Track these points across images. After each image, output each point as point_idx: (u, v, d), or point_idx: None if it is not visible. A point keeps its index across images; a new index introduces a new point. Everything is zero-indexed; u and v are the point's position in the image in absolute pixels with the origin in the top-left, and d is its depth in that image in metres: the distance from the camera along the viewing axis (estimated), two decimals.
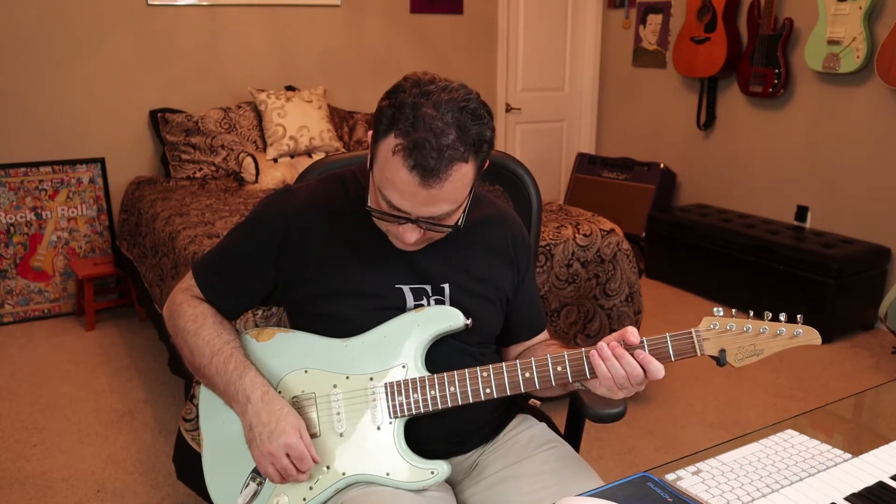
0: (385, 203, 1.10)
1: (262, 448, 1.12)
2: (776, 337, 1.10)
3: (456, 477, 1.29)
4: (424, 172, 1.04)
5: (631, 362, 1.08)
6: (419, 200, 1.07)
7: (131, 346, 3.35)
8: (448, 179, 1.05)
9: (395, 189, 1.07)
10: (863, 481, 1.01)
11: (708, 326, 1.11)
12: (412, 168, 1.04)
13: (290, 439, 1.11)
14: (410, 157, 1.03)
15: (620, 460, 2.46)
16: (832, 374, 3.12)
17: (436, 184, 1.05)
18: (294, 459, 1.12)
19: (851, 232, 3.66)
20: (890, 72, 3.21)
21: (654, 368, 1.08)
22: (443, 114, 1.04)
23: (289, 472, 1.12)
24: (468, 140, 1.06)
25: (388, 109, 1.07)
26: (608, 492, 0.98)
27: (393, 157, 1.05)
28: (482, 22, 4.61)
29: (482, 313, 1.26)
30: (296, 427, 1.12)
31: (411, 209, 1.09)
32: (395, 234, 1.16)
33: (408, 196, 1.07)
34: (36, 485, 2.31)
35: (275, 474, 1.13)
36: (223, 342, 1.21)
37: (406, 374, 1.17)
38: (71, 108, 3.65)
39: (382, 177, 1.08)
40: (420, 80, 1.08)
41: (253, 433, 1.14)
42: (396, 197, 1.08)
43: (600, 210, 3.50)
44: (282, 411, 1.14)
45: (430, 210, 1.09)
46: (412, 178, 1.05)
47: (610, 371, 1.08)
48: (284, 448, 1.11)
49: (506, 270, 1.31)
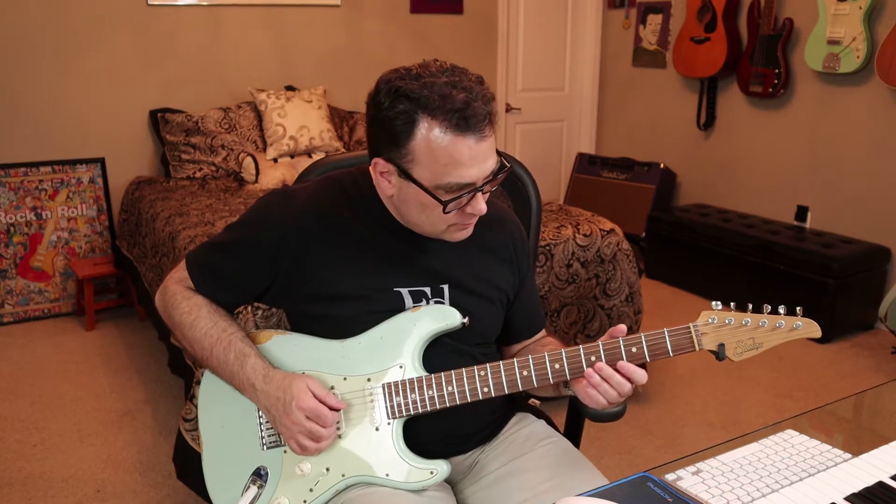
0: (447, 192, 1.09)
1: (284, 422, 1.13)
2: (775, 330, 1.09)
3: (455, 476, 1.29)
4: (478, 126, 1.05)
5: (619, 381, 1.10)
6: (480, 159, 1.08)
7: (131, 346, 3.35)
8: (492, 119, 1.08)
9: (462, 164, 1.07)
10: (863, 481, 1.01)
11: (706, 321, 1.10)
12: (465, 131, 1.05)
13: (301, 402, 1.11)
14: (459, 123, 1.04)
15: (620, 460, 2.46)
16: (832, 374, 3.12)
17: (488, 130, 1.07)
18: (313, 418, 1.12)
19: (851, 232, 3.66)
20: (890, 72, 3.21)
21: (639, 377, 1.10)
22: (444, 75, 1.07)
23: (316, 433, 1.12)
24: (479, 78, 1.09)
25: (399, 112, 1.06)
26: (608, 492, 0.98)
27: (442, 138, 1.05)
28: (482, 22, 4.62)
29: (482, 314, 1.26)
30: (303, 389, 1.13)
31: (478, 175, 1.09)
32: (466, 216, 1.14)
33: (473, 161, 1.07)
34: (36, 485, 2.31)
35: (309, 444, 1.13)
36: (220, 330, 1.21)
37: (404, 375, 1.17)
38: (71, 108, 3.65)
39: (439, 167, 1.07)
40: (393, 74, 1.10)
41: (272, 415, 1.15)
42: (463, 171, 1.07)
43: (600, 210, 3.50)
44: (284, 381, 1.14)
45: (487, 167, 1.10)
46: (470, 141, 1.06)
47: (604, 396, 1.11)
48: (302, 412, 1.11)
49: (506, 271, 1.30)
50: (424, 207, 1.13)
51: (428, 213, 1.14)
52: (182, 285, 1.27)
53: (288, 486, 1.18)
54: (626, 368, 1.09)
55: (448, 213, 1.11)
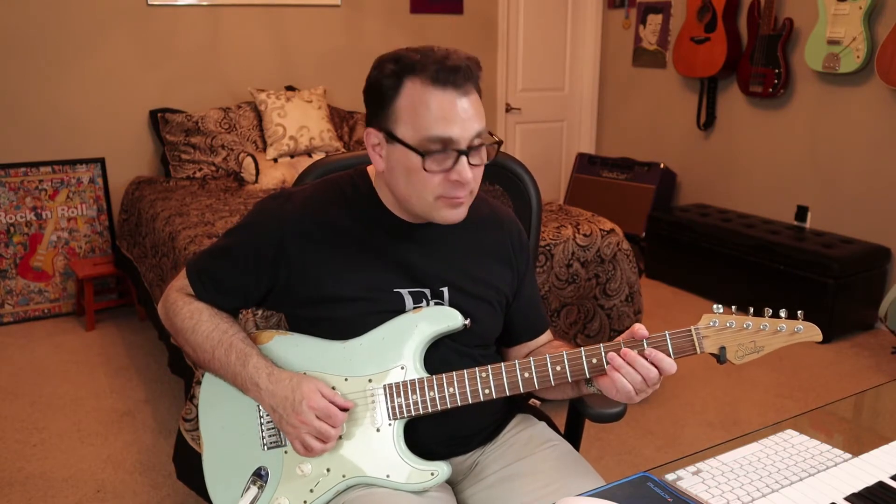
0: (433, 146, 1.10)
1: (291, 421, 1.13)
2: (776, 333, 1.09)
3: (456, 477, 1.29)
4: (456, 78, 1.08)
5: (645, 364, 1.08)
6: (461, 115, 1.09)
7: (131, 346, 3.35)
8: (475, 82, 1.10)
9: (439, 117, 1.08)
10: (863, 481, 1.01)
11: (707, 324, 1.10)
12: (445, 83, 1.08)
13: (311, 402, 1.11)
14: (438, 75, 1.07)
15: (620, 460, 2.46)
16: (832, 374, 3.12)
17: (468, 89, 1.09)
18: (323, 418, 1.12)
19: (851, 232, 3.66)
20: (890, 72, 3.21)
21: (667, 365, 1.08)
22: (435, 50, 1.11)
23: (325, 433, 1.12)
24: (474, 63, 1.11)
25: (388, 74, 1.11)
26: (608, 492, 0.98)
27: (423, 90, 1.08)
28: (482, 22, 4.62)
29: (481, 316, 1.26)
30: (313, 389, 1.13)
31: (460, 133, 1.09)
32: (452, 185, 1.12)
33: (451, 114, 1.08)
34: (36, 485, 2.31)
35: (316, 444, 1.13)
36: (221, 333, 1.21)
37: (405, 376, 1.17)
38: (71, 108, 3.65)
39: (420, 121, 1.09)
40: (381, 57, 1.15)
41: (277, 414, 1.14)
42: (444, 126, 1.08)
43: (600, 210, 3.50)
44: (293, 381, 1.14)
45: (471, 127, 1.10)
46: (449, 94, 1.08)
47: (627, 378, 1.09)
48: (312, 411, 1.11)
49: (505, 272, 1.30)
50: (409, 173, 1.12)
51: (413, 179, 1.12)
52: (183, 293, 1.27)
53: (288, 487, 1.18)
54: (653, 355, 1.08)
55: (430, 173, 1.10)
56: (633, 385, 1.09)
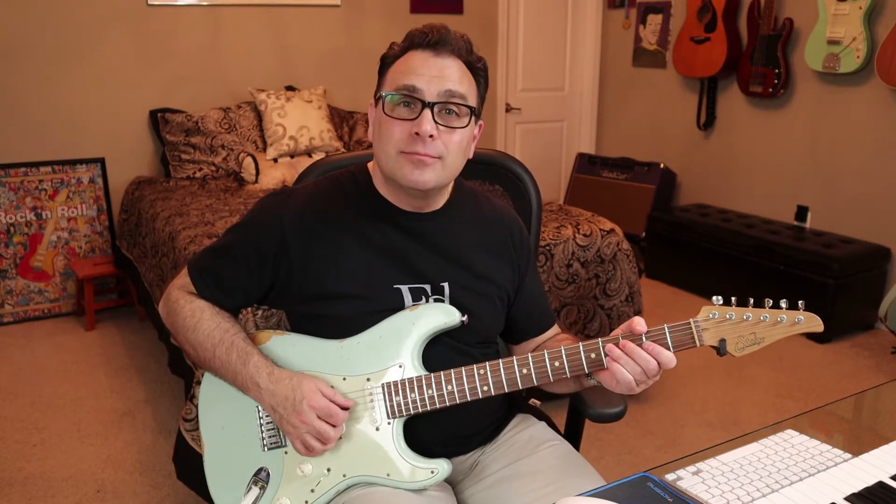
0: (399, 96, 1.14)
1: (292, 421, 1.12)
2: (777, 324, 1.08)
3: (456, 477, 1.29)
4: (434, 41, 1.14)
5: (644, 356, 1.07)
6: (431, 72, 1.13)
7: (131, 346, 3.35)
8: (455, 52, 1.16)
9: (409, 69, 1.14)
10: (863, 481, 1.01)
11: (707, 316, 1.09)
12: (424, 45, 1.15)
13: (312, 401, 1.11)
14: (420, 39, 1.15)
15: (620, 460, 2.46)
16: (832, 374, 3.12)
17: (444, 52, 1.15)
18: (324, 417, 1.12)
19: (851, 232, 3.66)
20: (890, 72, 3.21)
21: (666, 358, 1.08)
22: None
23: (325, 433, 1.12)
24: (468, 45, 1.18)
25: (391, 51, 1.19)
26: (608, 492, 0.98)
27: (406, 52, 1.17)
28: (482, 22, 4.62)
29: (483, 312, 1.26)
30: (314, 388, 1.13)
31: (426, 84, 1.13)
32: (414, 140, 1.12)
33: (420, 68, 1.14)
34: (36, 485, 2.31)
35: (316, 444, 1.13)
36: (222, 332, 1.21)
37: (403, 374, 1.17)
38: (71, 108, 3.65)
39: (396, 73, 1.16)
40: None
41: (278, 413, 1.14)
42: (409, 75, 1.14)
43: (600, 210, 3.50)
44: (293, 381, 1.14)
45: (441, 84, 1.13)
46: (423, 54, 1.15)
47: (626, 369, 1.08)
48: (313, 411, 1.11)
49: (506, 268, 1.30)
50: (379, 125, 1.17)
51: (381, 132, 1.16)
52: (184, 291, 1.27)
53: (289, 487, 1.18)
54: (652, 348, 1.08)
55: (392, 122, 1.13)
56: (634, 376, 1.08)
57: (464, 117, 1.16)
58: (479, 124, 1.24)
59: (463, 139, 1.17)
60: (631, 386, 1.10)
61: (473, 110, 1.17)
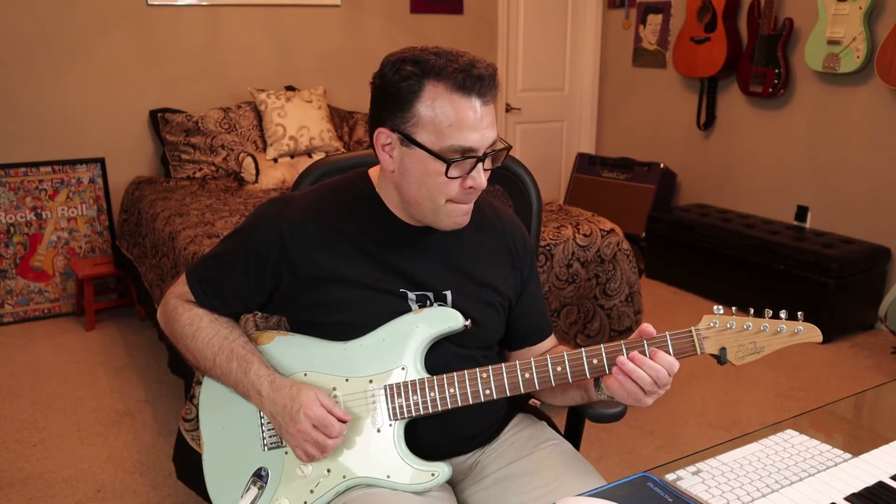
0: (454, 155, 1.09)
1: (290, 430, 1.12)
2: (777, 334, 1.09)
3: (456, 477, 1.28)
4: (481, 87, 1.07)
5: (654, 366, 1.08)
6: (483, 125, 1.09)
7: (131, 346, 3.35)
8: (496, 87, 1.10)
9: (466, 125, 1.08)
10: (863, 481, 1.01)
11: (708, 325, 1.11)
12: (470, 92, 1.07)
13: (309, 410, 1.11)
14: (465, 83, 1.06)
15: (620, 460, 2.46)
16: (832, 374, 3.12)
17: (490, 98, 1.09)
18: (321, 428, 1.11)
19: (851, 232, 3.66)
20: (890, 72, 3.21)
21: (667, 362, 1.08)
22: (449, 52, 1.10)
23: (322, 444, 1.12)
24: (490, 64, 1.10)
25: (407, 76, 1.08)
26: (608, 492, 0.98)
27: (448, 97, 1.07)
28: (482, 22, 4.62)
29: (484, 318, 1.25)
30: (312, 398, 1.12)
31: (480, 141, 1.09)
32: (465, 191, 1.12)
33: (477, 125, 1.08)
34: (36, 485, 2.31)
35: (315, 451, 1.13)
36: (221, 339, 1.20)
37: (406, 377, 1.17)
38: (71, 108, 3.65)
39: (444, 128, 1.08)
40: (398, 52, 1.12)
41: (277, 421, 1.14)
42: (467, 134, 1.08)
43: (600, 210, 3.50)
44: (292, 390, 1.14)
45: (489, 135, 1.11)
46: (475, 102, 1.08)
47: (638, 383, 1.09)
48: (309, 421, 1.11)
49: (507, 274, 1.30)
50: (426, 177, 1.12)
51: (429, 183, 1.12)
52: (182, 299, 1.26)
53: (289, 488, 1.18)
54: (658, 355, 1.08)
55: (450, 179, 1.10)
56: (643, 387, 1.09)
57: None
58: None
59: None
60: (640, 397, 1.10)
61: (509, 147, 1.17)
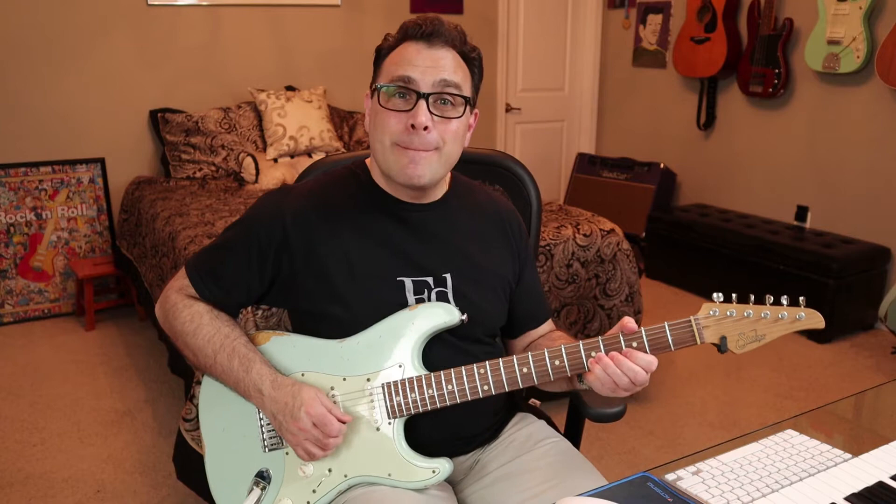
0: (394, 87, 1.15)
1: (290, 428, 1.13)
2: (778, 321, 1.08)
3: (456, 476, 1.29)
4: (427, 32, 1.16)
5: (632, 367, 1.08)
6: (425, 62, 1.15)
7: (131, 346, 3.35)
8: (449, 43, 1.17)
9: (403, 60, 1.16)
10: (863, 481, 1.01)
11: (707, 314, 1.09)
12: (418, 37, 1.16)
13: (310, 409, 1.11)
14: (414, 30, 1.16)
15: (620, 460, 2.46)
16: (832, 374, 3.12)
17: (437, 43, 1.16)
18: (320, 427, 1.11)
19: (851, 232, 3.66)
20: (890, 72, 3.21)
21: (645, 362, 1.08)
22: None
23: (323, 442, 1.12)
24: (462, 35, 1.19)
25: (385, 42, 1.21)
26: (608, 492, 0.98)
27: (400, 43, 1.18)
28: (482, 22, 4.61)
29: (485, 303, 1.25)
30: (313, 397, 1.13)
31: (421, 75, 1.14)
32: (408, 131, 1.14)
33: (415, 59, 1.15)
34: (36, 485, 2.31)
35: (316, 450, 1.13)
36: (223, 337, 1.20)
37: (403, 374, 1.17)
38: (71, 108, 3.65)
39: (391, 64, 1.17)
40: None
41: (278, 420, 1.14)
42: (404, 66, 1.15)
43: (600, 210, 3.50)
44: (294, 388, 1.14)
45: (436, 75, 1.14)
46: (417, 45, 1.16)
47: (612, 378, 1.09)
48: (310, 418, 1.11)
49: (506, 257, 1.31)
50: (374, 115, 1.19)
51: (376, 123, 1.18)
52: (182, 294, 1.26)
53: (291, 488, 1.18)
54: (633, 355, 1.08)
55: (385, 110, 1.15)
56: (619, 384, 1.09)
57: (459, 107, 1.17)
58: (474, 113, 1.25)
59: (459, 128, 1.19)
60: (616, 392, 1.11)
61: (468, 100, 1.19)
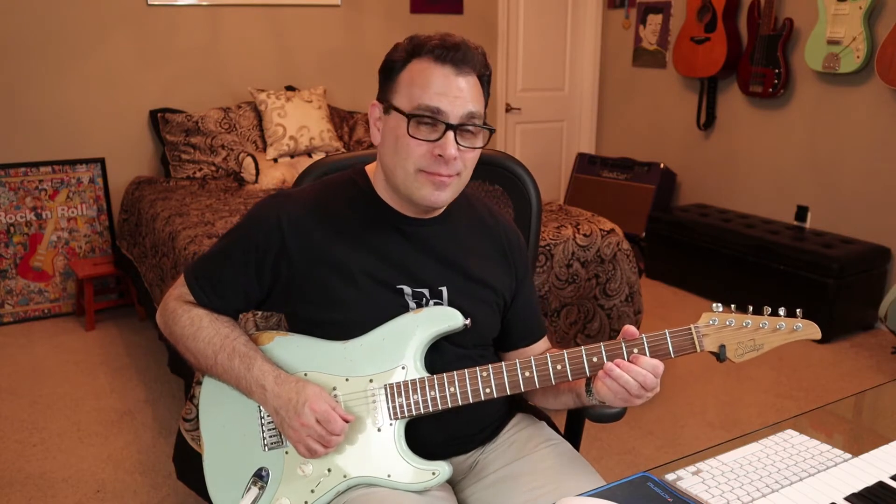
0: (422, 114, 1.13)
1: (293, 424, 1.12)
2: (776, 331, 1.10)
3: (456, 476, 1.29)
4: (454, 56, 1.13)
5: (640, 372, 1.08)
6: (453, 92, 1.13)
7: (131, 346, 3.35)
8: (475, 70, 1.15)
9: (430, 86, 1.12)
10: (863, 481, 1.01)
11: (707, 322, 1.11)
12: (444, 60, 1.13)
13: (314, 405, 1.11)
14: (439, 52, 1.13)
15: (620, 460, 2.46)
16: (832, 374, 3.12)
17: (465, 70, 1.14)
18: (323, 423, 1.12)
19: (851, 232, 3.66)
20: (890, 72, 3.21)
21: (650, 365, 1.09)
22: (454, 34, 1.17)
23: (326, 439, 1.12)
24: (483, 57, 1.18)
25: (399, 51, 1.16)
26: (608, 492, 0.98)
27: (425, 65, 1.13)
28: (482, 22, 4.61)
29: (480, 315, 1.25)
30: (318, 393, 1.13)
31: (450, 107, 1.12)
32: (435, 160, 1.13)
33: (443, 88, 1.12)
34: (36, 485, 2.31)
35: (317, 446, 1.13)
36: (222, 337, 1.20)
37: (406, 376, 1.17)
38: (71, 108, 3.65)
39: (414, 86, 1.13)
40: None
41: (280, 416, 1.14)
42: (431, 94, 1.12)
43: (600, 210, 3.50)
44: (298, 384, 1.14)
45: (462, 105, 1.13)
46: (446, 70, 1.13)
47: (625, 387, 1.09)
48: (314, 414, 1.11)
49: (502, 273, 1.31)
50: (397, 139, 1.15)
51: (399, 147, 1.15)
52: (182, 300, 1.26)
53: (289, 487, 1.18)
54: (639, 359, 1.09)
55: (414, 140, 1.13)
56: (630, 391, 1.10)
57: (479, 135, 1.18)
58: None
59: (477, 154, 1.20)
60: (628, 400, 1.11)
61: (490, 129, 1.19)
